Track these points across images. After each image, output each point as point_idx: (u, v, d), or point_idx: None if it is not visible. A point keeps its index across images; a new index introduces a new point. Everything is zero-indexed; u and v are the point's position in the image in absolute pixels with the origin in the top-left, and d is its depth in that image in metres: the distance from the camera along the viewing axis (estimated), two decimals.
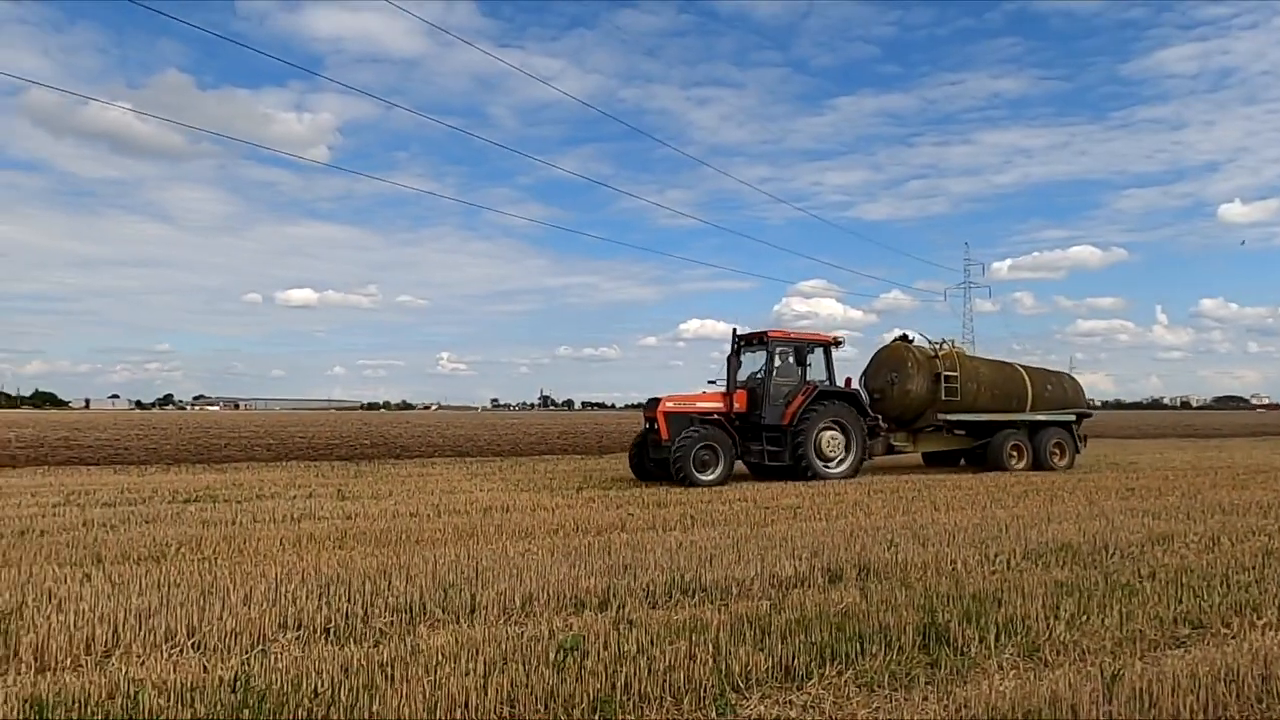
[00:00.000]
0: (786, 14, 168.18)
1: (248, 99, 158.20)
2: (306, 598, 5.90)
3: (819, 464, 16.64)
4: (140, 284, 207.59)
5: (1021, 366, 21.05)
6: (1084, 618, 5.57)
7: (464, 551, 8.00)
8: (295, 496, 13.48)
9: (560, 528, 9.81)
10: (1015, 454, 19.37)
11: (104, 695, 4.09)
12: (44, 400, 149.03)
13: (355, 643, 5.07)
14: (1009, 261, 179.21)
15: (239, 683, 4.22)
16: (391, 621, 5.52)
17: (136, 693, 4.05)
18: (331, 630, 5.32)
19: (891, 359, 19.52)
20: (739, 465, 16.74)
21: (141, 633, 5.09)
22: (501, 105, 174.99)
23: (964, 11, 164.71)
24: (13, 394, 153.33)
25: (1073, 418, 20.69)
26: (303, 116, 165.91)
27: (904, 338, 20.03)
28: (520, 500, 12.85)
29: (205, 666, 4.58)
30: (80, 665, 4.65)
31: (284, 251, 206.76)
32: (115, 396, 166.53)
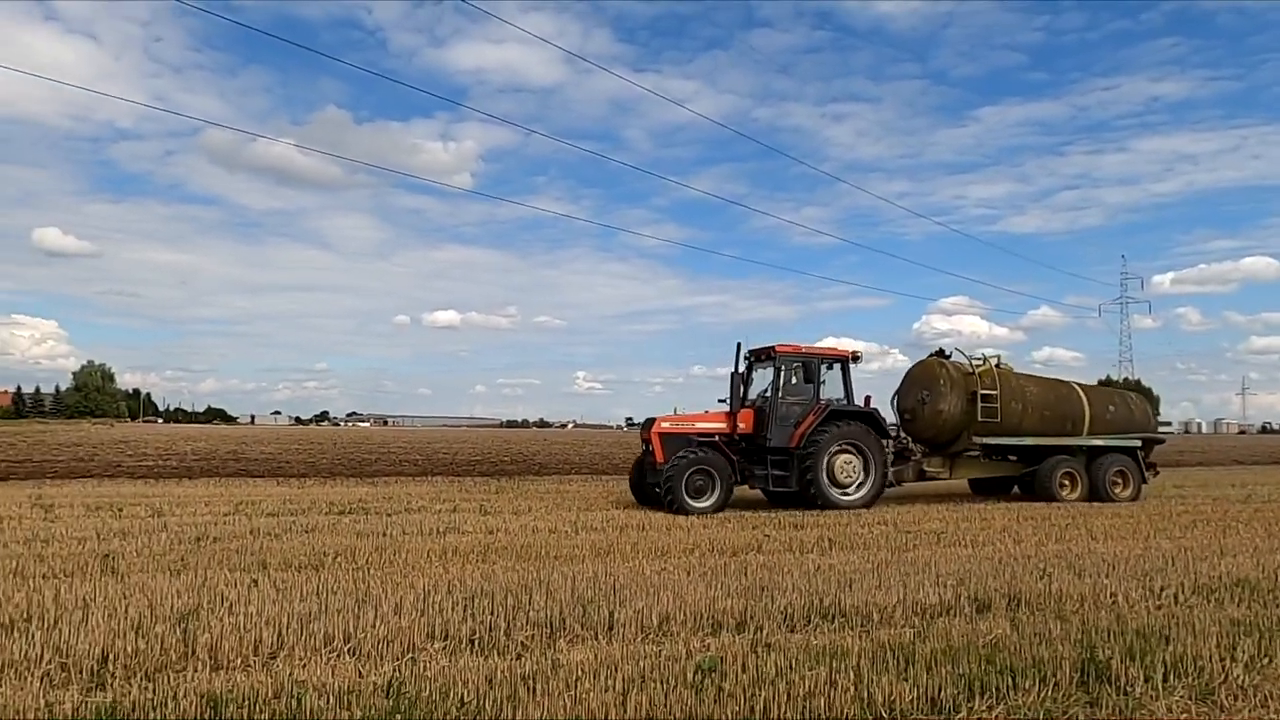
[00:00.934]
0: (925, 25, 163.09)
1: (398, 130, 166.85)
2: (452, 609, 6.12)
3: (831, 491, 15.02)
4: (302, 308, 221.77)
5: (1079, 386, 19.01)
6: (1265, 660, 5.13)
7: (602, 568, 8.12)
8: (440, 510, 14.02)
9: (696, 547, 9.81)
10: (1067, 482, 17.35)
11: (270, 695, 4.36)
12: (216, 416, 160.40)
13: (499, 654, 5.22)
14: (1171, 275, 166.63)
15: (392, 689, 4.42)
16: (533, 635, 5.65)
17: (300, 694, 4.30)
18: (476, 641, 5.50)
19: (923, 377, 17.78)
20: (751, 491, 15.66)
21: (303, 637, 5.40)
22: (636, 128, 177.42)
23: (1118, 13, 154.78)
24: (189, 410, 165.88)
25: (1138, 443, 18.31)
26: (448, 145, 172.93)
27: (940, 353, 18.34)
28: (655, 519, 12.92)
29: (360, 671, 4.82)
30: (249, 665, 4.97)
31: (430, 275, 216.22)
32: (277, 413, 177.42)
